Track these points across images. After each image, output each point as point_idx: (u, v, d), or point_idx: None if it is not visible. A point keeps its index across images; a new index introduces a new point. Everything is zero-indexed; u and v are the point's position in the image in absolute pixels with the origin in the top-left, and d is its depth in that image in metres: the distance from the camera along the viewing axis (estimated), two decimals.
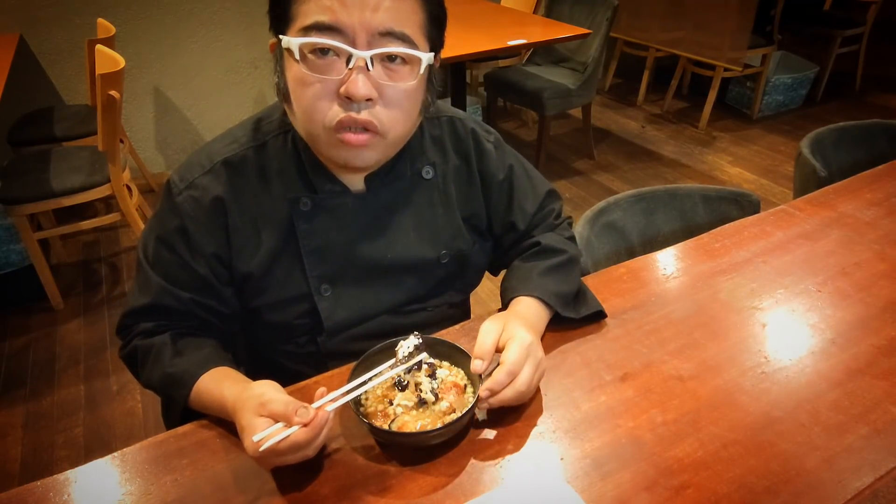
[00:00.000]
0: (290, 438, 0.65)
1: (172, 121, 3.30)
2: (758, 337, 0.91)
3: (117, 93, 2.08)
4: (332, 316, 0.89)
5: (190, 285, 0.84)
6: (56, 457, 1.80)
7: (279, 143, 0.86)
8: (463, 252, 0.96)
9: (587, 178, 3.33)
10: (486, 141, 0.97)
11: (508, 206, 0.99)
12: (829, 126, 1.61)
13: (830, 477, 0.70)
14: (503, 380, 0.74)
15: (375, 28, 0.71)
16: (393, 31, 0.72)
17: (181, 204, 0.83)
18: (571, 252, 0.98)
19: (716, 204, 1.35)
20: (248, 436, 0.66)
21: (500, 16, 3.19)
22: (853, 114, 3.88)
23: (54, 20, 2.82)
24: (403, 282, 0.93)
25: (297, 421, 0.66)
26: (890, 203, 1.24)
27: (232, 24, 3.22)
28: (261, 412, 0.68)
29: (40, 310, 2.40)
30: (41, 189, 2.19)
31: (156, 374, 0.83)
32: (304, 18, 0.71)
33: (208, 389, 0.78)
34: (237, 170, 0.84)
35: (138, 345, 0.85)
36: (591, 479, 0.70)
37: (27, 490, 0.71)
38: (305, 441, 0.66)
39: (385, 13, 0.71)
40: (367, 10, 0.70)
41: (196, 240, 0.83)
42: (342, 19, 0.70)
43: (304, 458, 0.69)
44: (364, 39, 0.71)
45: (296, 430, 0.66)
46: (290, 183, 0.85)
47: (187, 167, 0.85)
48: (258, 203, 0.85)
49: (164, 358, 0.82)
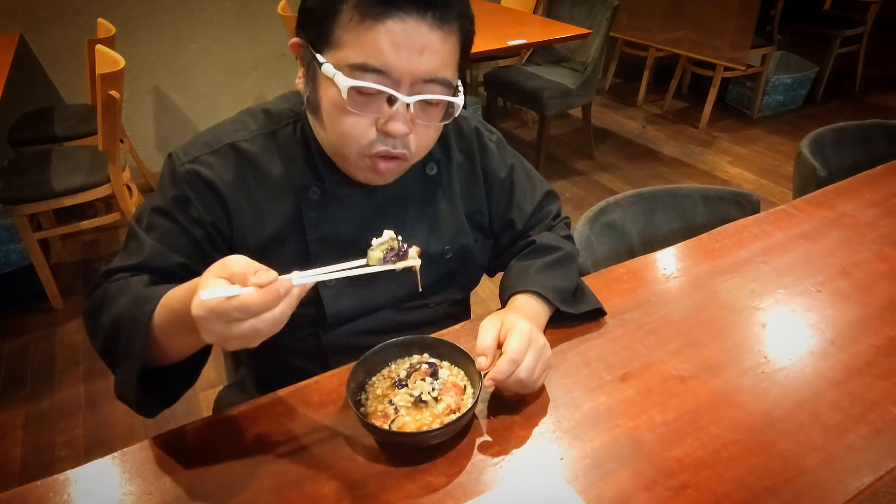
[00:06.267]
0: (240, 298, 0.57)
1: (172, 121, 3.30)
2: (758, 337, 0.91)
3: (117, 93, 2.08)
4: (335, 305, 0.89)
5: (185, 251, 0.81)
6: (56, 457, 1.80)
7: (289, 131, 0.87)
8: (466, 248, 0.97)
9: (587, 178, 3.33)
10: (489, 140, 0.99)
11: (508, 204, 1.00)
12: (829, 126, 1.61)
13: (830, 477, 0.70)
14: (506, 369, 0.74)
15: (421, 75, 0.73)
16: (436, 77, 0.74)
17: (183, 175, 0.81)
18: (567, 249, 0.98)
19: (716, 204, 1.35)
20: (198, 295, 0.58)
21: (500, 16, 3.19)
22: (853, 114, 3.88)
23: (54, 20, 2.82)
24: (407, 275, 0.93)
25: (252, 281, 0.58)
26: (889, 203, 1.24)
27: (232, 25, 3.22)
28: (220, 273, 0.60)
29: (40, 310, 2.39)
30: (41, 189, 2.19)
31: (121, 303, 0.73)
32: (350, 52, 0.72)
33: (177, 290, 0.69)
34: (244, 154, 0.84)
35: (110, 286, 0.77)
36: (591, 479, 0.70)
37: (27, 490, 0.71)
38: (256, 305, 0.58)
39: (431, 58, 0.72)
40: (414, 55, 0.71)
41: (196, 207, 0.81)
42: (392, 63, 0.71)
43: (255, 332, 0.59)
44: (408, 83, 0.73)
45: (248, 292, 0.58)
46: (298, 171, 0.86)
47: (191, 144, 0.85)
48: (264, 189, 0.85)
49: (138, 285, 0.75)
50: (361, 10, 0.70)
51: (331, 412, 0.80)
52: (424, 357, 0.83)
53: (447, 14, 0.72)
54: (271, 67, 3.43)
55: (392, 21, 0.70)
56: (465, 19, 0.76)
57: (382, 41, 0.70)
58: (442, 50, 0.73)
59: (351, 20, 0.71)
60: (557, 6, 3.43)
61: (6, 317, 2.37)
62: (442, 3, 0.72)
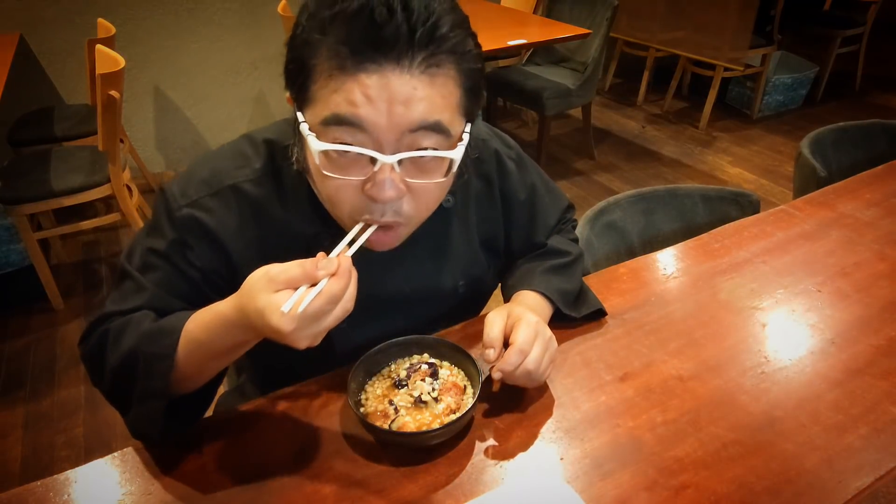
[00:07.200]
0: (326, 292, 0.58)
1: (172, 121, 3.30)
2: (758, 337, 0.91)
3: (117, 93, 2.08)
4: (346, 344, 0.86)
5: (186, 296, 0.77)
6: (56, 457, 1.80)
7: (294, 171, 0.77)
8: (479, 278, 0.94)
9: (587, 178, 3.33)
10: (508, 159, 0.93)
11: (531, 224, 0.97)
12: (829, 126, 1.61)
13: (830, 477, 0.70)
14: (515, 360, 0.74)
15: (405, 126, 0.63)
16: (426, 123, 0.63)
17: (181, 220, 0.76)
18: (575, 252, 0.98)
19: (716, 204, 1.35)
20: (275, 312, 0.57)
21: (500, 16, 3.19)
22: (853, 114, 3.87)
23: (54, 20, 2.82)
24: (419, 311, 0.91)
25: (322, 274, 0.59)
26: (889, 203, 1.24)
27: (232, 24, 3.22)
28: (275, 287, 0.59)
29: (40, 310, 2.39)
30: (41, 189, 2.19)
31: (130, 340, 0.71)
32: (323, 108, 0.63)
33: (198, 320, 0.68)
34: (248, 198, 0.77)
35: (111, 326, 0.74)
36: (591, 478, 0.70)
37: (27, 490, 0.71)
38: (342, 290, 0.59)
39: (417, 106, 0.62)
40: (396, 105, 0.61)
41: (195, 254, 0.76)
42: (367, 117, 0.61)
43: (344, 313, 0.61)
44: (392, 138, 0.63)
45: (326, 283, 0.59)
46: (307, 217, 0.79)
47: (188, 181, 0.78)
48: (270, 235, 0.79)
49: (144, 324, 0.72)
50: (332, 65, 0.62)
51: (331, 412, 0.80)
52: (424, 357, 0.83)
53: (435, 55, 0.62)
54: (271, 67, 3.43)
55: (365, 74, 0.60)
56: (462, 56, 0.65)
57: (356, 94, 0.61)
58: (432, 94, 0.63)
59: (324, 75, 0.63)
60: (557, 6, 3.43)
61: (6, 317, 2.37)
62: (424, 43, 0.61)
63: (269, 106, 3.52)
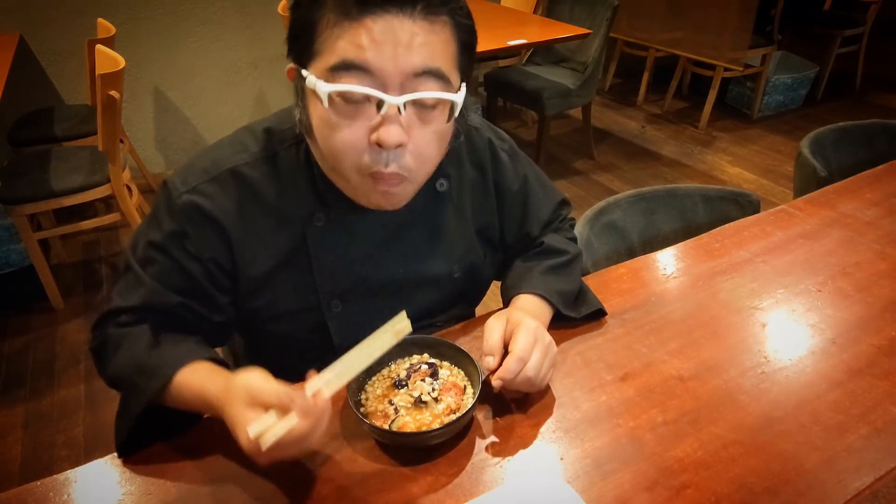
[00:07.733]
0: (294, 433, 0.61)
1: (172, 121, 3.30)
2: (758, 337, 0.91)
3: (117, 93, 2.08)
4: (342, 332, 0.87)
5: (183, 290, 0.79)
6: (56, 457, 1.80)
7: (291, 154, 0.81)
8: (475, 266, 0.95)
9: (587, 178, 3.33)
10: (501, 151, 0.94)
11: (523, 216, 0.97)
12: (829, 126, 1.61)
13: (830, 477, 0.70)
14: (514, 367, 0.74)
15: (410, 70, 0.66)
16: (429, 68, 0.67)
17: (181, 207, 0.77)
18: (573, 252, 0.98)
19: (716, 204, 1.35)
20: (242, 430, 0.62)
21: (500, 16, 3.19)
22: (853, 114, 3.88)
23: (54, 20, 2.82)
24: (414, 297, 0.91)
25: (297, 412, 0.61)
26: (890, 203, 1.24)
27: (232, 24, 3.22)
28: (251, 403, 0.63)
29: (40, 310, 2.39)
30: (41, 189, 2.19)
31: (125, 361, 0.76)
32: (330, 55, 0.66)
33: (189, 383, 0.73)
34: (245, 181, 0.80)
35: (112, 332, 0.79)
36: (592, 479, 0.70)
37: (27, 490, 0.71)
38: (307, 431, 0.62)
39: (420, 50, 0.66)
40: (400, 48, 0.65)
41: (195, 243, 0.78)
42: (373, 60, 0.65)
43: (307, 450, 0.64)
44: (397, 82, 0.66)
45: (295, 421, 0.61)
46: (302, 198, 0.81)
47: (188, 171, 0.80)
48: (267, 217, 0.81)
49: (140, 346, 0.76)
50: (338, 13, 0.65)
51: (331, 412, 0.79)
52: (424, 357, 0.83)
53: (432, 4, 0.66)
54: (271, 67, 3.43)
55: (371, 18, 0.64)
56: (458, 12, 0.70)
57: (362, 38, 0.64)
58: (432, 41, 0.67)
59: (329, 26, 0.66)
60: (557, 6, 3.43)
61: (6, 317, 2.37)
62: None
63: (269, 105, 3.52)
